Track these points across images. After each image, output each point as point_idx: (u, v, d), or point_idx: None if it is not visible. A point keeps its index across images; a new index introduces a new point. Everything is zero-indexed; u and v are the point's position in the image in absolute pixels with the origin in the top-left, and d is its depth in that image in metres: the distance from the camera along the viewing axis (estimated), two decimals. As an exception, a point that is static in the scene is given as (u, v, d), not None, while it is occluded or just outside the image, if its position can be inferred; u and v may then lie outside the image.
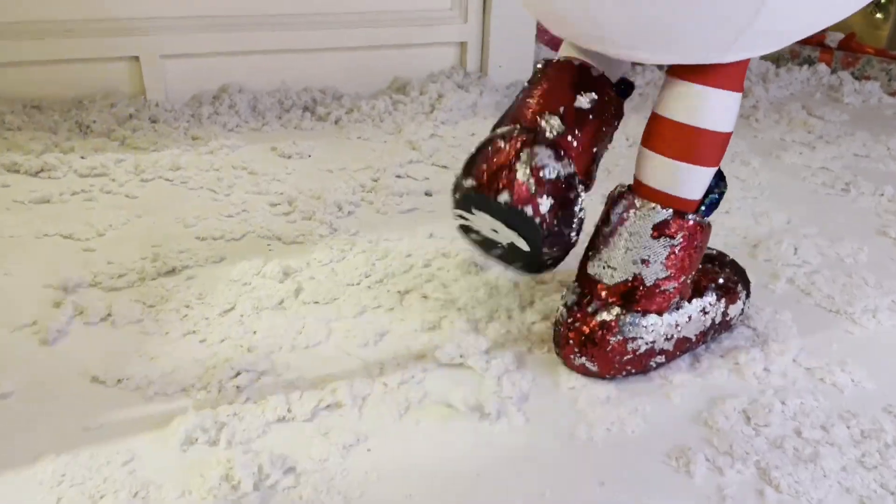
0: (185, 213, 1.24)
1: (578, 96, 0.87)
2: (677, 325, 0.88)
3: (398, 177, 1.44)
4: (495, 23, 1.90)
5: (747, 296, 0.96)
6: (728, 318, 0.93)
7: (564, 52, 0.94)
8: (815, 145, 1.66)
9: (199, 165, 1.42)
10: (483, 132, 1.70)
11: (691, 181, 0.87)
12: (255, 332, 0.93)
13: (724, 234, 1.24)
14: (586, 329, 0.86)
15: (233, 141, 1.53)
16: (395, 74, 1.90)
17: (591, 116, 0.87)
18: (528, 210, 0.81)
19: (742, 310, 0.95)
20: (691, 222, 0.86)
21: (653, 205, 0.85)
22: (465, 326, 0.94)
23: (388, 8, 1.82)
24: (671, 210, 0.85)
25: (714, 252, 1.00)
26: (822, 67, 2.15)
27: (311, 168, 1.46)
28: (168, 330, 0.92)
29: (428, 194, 1.37)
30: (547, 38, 2.06)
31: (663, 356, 0.89)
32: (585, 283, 0.89)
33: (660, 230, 0.85)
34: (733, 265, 0.98)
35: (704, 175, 0.88)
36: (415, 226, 1.23)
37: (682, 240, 0.86)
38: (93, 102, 1.59)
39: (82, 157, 1.42)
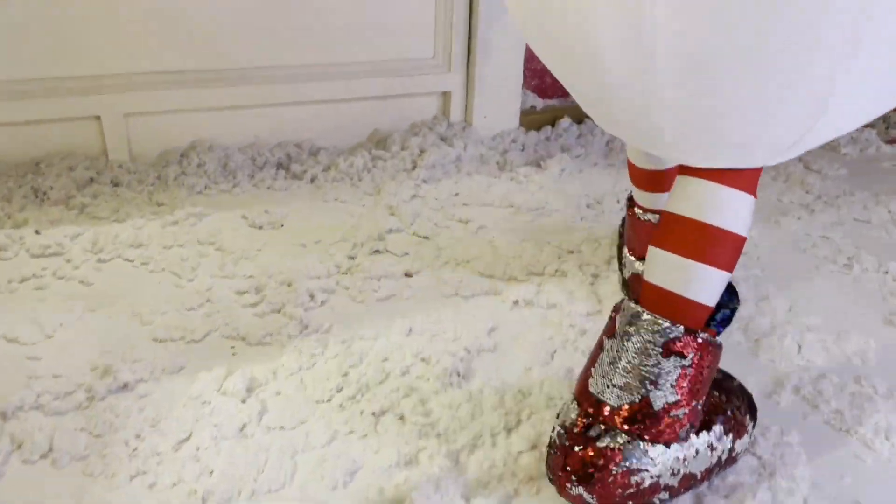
0: (143, 305, 1.14)
1: None
2: (684, 460, 0.80)
3: (376, 252, 1.35)
4: (480, 72, 1.81)
5: (754, 426, 0.88)
6: (734, 455, 0.85)
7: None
8: (815, 207, 1.59)
9: (163, 240, 1.33)
10: (466, 190, 1.62)
11: (704, 283, 0.81)
12: (211, 473, 0.84)
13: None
14: (587, 455, 0.77)
15: (200, 208, 1.44)
16: (375, 126, 1.81)
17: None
18: None
19: (748, 442, 0.88)
20: (701, 341, 0.78)
21: (663, 321, 0.78)
22: (444, 462, 0.86)
23: (367, 59, 1.73)
24: (682, 327, 0.78)
25: (719, 375, 0.92)
26: (818, 113, 2.08)
27: (283, 242, 1.37)
28: (115, 471, 0.83)
29: (407, 275, 1.29)
30: (534, 84, 1.98)
31: (667, 493, 0.81)
32: (585, 401, 0.80)
33: (670, 348, 0.78)
34: (740, 391, 0.90)
35: (717, 279, 0.82)
36: (392, 318, 1.14)
37: (693, 359, 0.78)
38: (50, 166, 1.49)
39: (37, 232, 1.32)
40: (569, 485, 0.78)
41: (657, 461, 0.78)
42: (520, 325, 1.15)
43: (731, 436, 0.84)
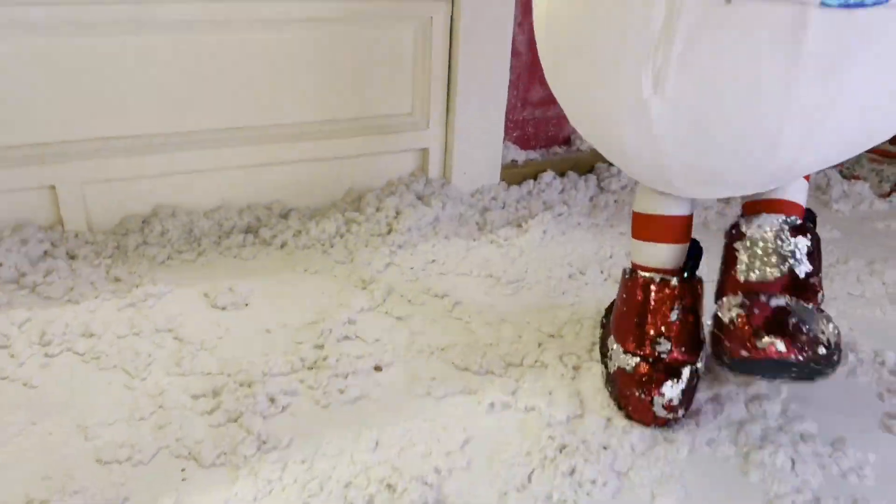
0: (90, 414, 1.06)
1: (671, 312, 1.09)
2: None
3: (346, 338, 1.27)
4: (459, 127, 1.74)
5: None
6: None
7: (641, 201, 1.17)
8: (806, 279, 1.52)
9: (117, 328, 1.24)
10: (443, 255, 1.55)
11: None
12: None
13: (716, 431, 1.09)
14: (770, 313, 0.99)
15: (160, 286, 1.36)
16: (350, 185, 1.73)
17: (684, 319, 1.10)
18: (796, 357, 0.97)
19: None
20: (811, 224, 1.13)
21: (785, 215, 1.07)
22: None
23: (342, 116, 1.65)
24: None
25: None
26: (809, 164, 2.02)
27: (247, 326, 1.29)
28: None
29: (377, 369, 1.21)
30: (516, 136, 1.91)
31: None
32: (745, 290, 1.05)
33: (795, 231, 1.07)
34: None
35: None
36: (359, 429, 1.06)
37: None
38: (1, 240, 1.40)
39: (-19, 319, 1.24)
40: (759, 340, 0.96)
41: (817, 319, 1.00)
42: (496, 435, 1.07)
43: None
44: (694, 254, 1.17)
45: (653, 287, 1.11)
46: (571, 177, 1.91)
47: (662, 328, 1.09)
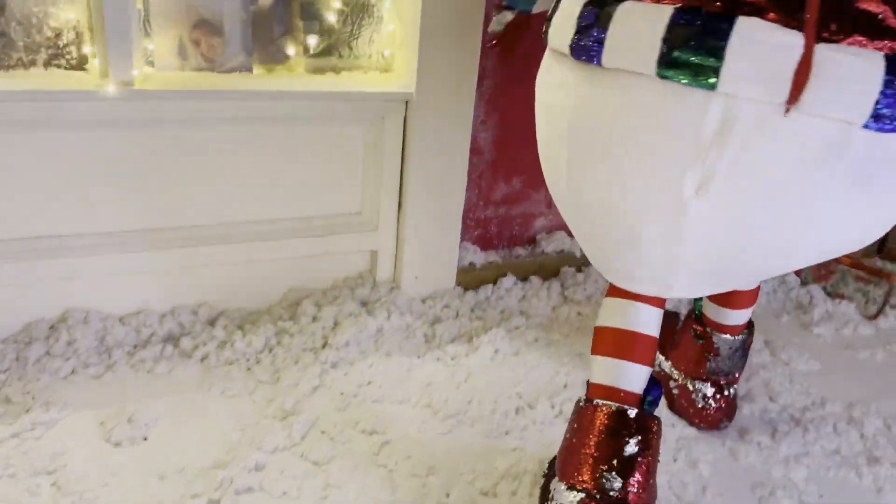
0: None
1: (626, 445, 1.02)
2: None
3: (248, 490, 1.13)
4: (411, 229, 1.61)
5: None
6: None
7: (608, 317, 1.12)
8: (778, 427, 1.38)
9: (-9, 468, 1.10)
10: (381, 377, 1.40)
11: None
12: None
13: None
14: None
15: (53, 412, 1.22)
16: (290, 285, 1.59)
17: (640, 457, 1.02)
18: None
19: None
20: None
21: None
22: None
23: (284, 215, 1.52)
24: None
25: None
26: (792, 277, 1.89)
27: (139, 469, 1.14)
28: None
29: (277, 537, 1.06)
30: (476, 235, 1.78)
31: None
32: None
33: None
34: None
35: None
36: None
37: None
38: None
39: None
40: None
41: None
42: None
43: None
44: (654, 389, 1.08)
45: (609, 415, 1.03)
46: (534, 282, 1.77)
47: (615, 462, 1.01)
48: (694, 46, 0.80)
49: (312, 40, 1.47)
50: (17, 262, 1.32)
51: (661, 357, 1.43)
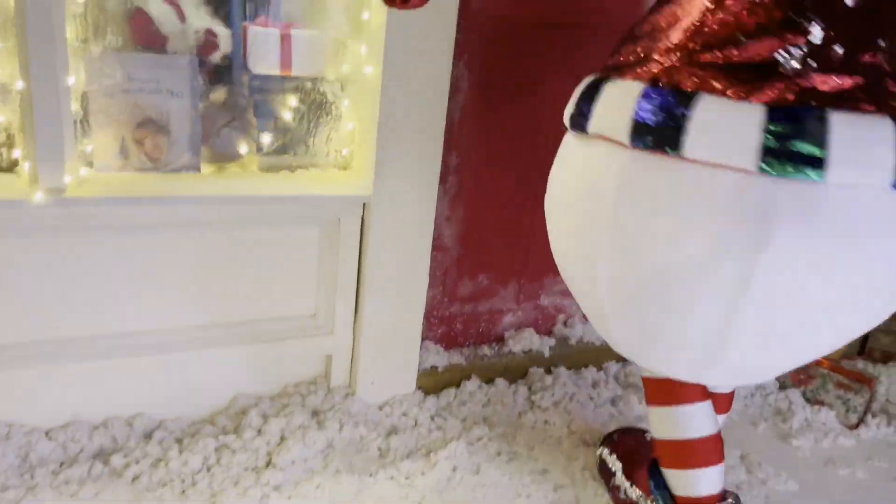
0: None
1: None
2: None
3: None
4: (368, 332, 1.52)
5: None
6: None
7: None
8: (752, 566, 1.28)
9: None
10: (329, 498, 1.30)
11: None
12: None
13: None
14: None
15: (-44, 551, 1.10)
16: (238, 391, 1.50)
17: None
18: None
19: None
20: None
21: None
22: None
23: (233, 320, 1.43)
24: None
25: None
26: (770, 381, 1.81)
27: None
28: None
29: None
30: (440, 333, 1.69)
31: None
32: None
33: None
34: None
35: None
36: None
37: None
38: None
39: None
40: None
41: None
42: None
43: None
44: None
45: None
46: (499, 385, 1.68)
47: None
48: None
49: (266, 138, 1.40)
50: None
51: (626, 483, 1.34)
